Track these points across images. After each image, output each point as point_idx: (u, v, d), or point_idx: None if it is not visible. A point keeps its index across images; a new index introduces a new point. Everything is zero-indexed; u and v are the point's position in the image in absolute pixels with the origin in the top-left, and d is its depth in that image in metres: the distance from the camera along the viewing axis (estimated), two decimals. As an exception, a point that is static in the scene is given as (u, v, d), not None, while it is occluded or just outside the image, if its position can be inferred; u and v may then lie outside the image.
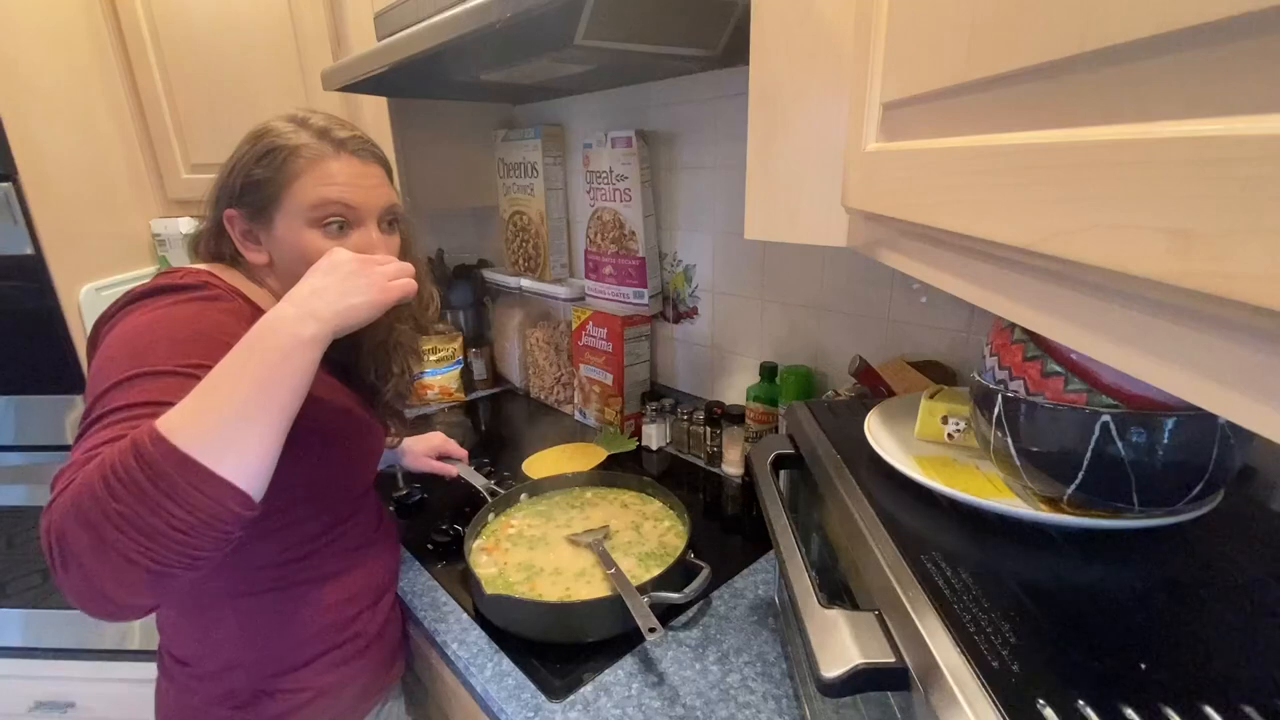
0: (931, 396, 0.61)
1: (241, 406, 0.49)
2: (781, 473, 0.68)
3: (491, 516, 0.97)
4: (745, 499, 1.12)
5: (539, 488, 1.05)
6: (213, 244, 0.70)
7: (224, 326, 0.59)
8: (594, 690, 0.70)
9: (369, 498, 0.82)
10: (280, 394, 0.51)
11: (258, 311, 0.65)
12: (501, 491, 1.01)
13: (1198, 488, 0.41)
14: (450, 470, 1.04)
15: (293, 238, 0.65)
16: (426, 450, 1.05)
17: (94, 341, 0.61)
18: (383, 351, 0.80)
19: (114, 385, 0.53)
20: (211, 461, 0.47)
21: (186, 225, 1.33)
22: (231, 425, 0.48)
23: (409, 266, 0.63)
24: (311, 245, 0.64)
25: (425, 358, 1.60)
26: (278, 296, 0.67)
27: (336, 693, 0.74)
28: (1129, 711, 0.30)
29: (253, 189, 0.65)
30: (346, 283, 0.57)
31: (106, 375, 0.54)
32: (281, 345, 0.52)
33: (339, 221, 0.66)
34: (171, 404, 0.49)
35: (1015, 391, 0.45)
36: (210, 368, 0.51)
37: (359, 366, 0.81)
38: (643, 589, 0.76)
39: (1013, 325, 0.47)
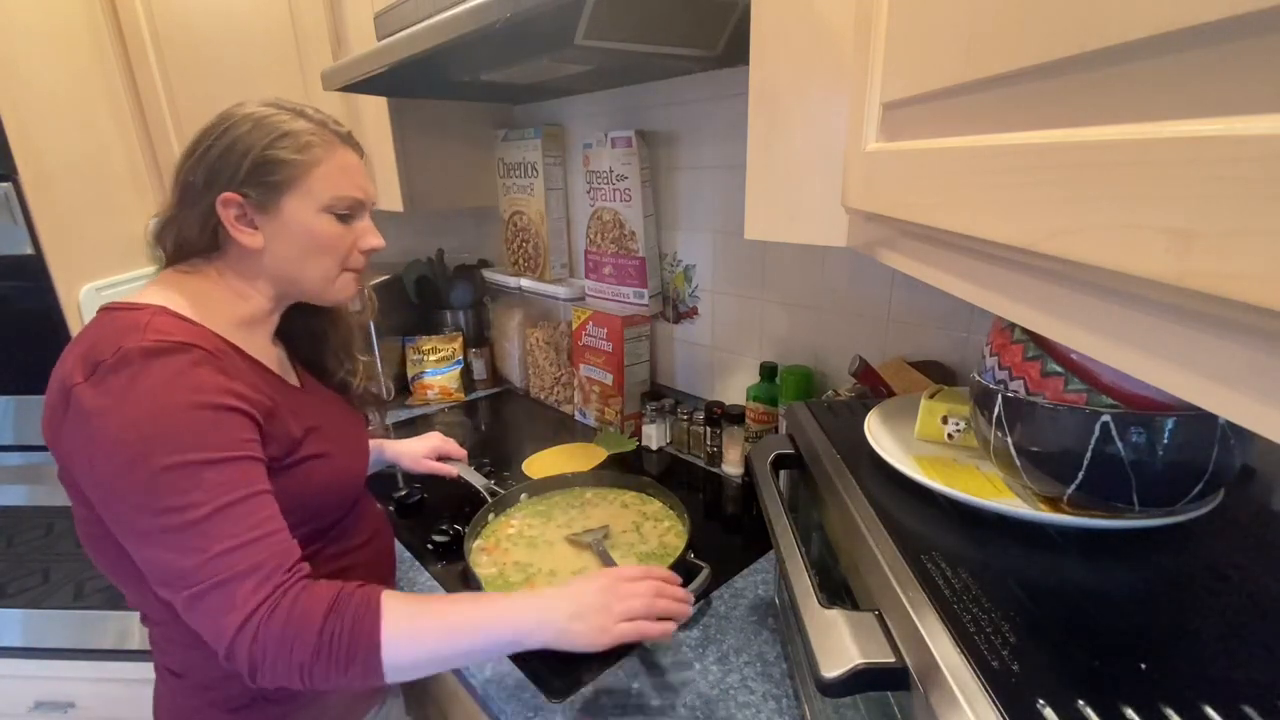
0: (931, 396, 0.61)
1: (446, 656, 0.59)
2: (781, 473, 0.68)
3: (491, 516, 0.97)
4: (745, 499, 1.12)
5: (539, 488, 1.05)
6: (191, 233, 0.66)
7: (226, 390, 0.58)
8: (594, 690, 0.70)
9: (362, 498, 0.82)
10: (475, 653, 0.62)
11: (223, 349, 0.62)
12: (501, 491, 1.01)
13: (1198, 488, 0.41)
14: (450, 470, 1.04)
15: (305, 220, 0.65)
16: (426, 451, 1.05)
17: (69, 403, 0.55)
18: (344, 349, 0.83)
19: (184, 465, 0.53)
20: (389, 678, 0.56)
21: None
22: (429, 663, 0.58)
23: (685, 609, 0.65)
24: (324, 229, 0.67)
25: (425, 358, 1.61)
26: (250, 288, 0.68)
27: (335, 694, 0.74)
28: (1129, 711, 0.30)
29: (266, 168, 0.63)
30: (604, 617, 0.60)
31: (155, 453, 0.53)
32: (513, 637, 0.59)
33: (348, 212, 0.68)
34: (257, 493, 0.57)
35: (1015, 391, 0.45)
36: (248, 442, 0.58)
37: (328, 368, 0.82)
38: (643, 589, 0.76)
39: (1013, 325, 0.47)
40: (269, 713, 0.69)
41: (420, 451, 1.04)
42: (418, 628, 0.57)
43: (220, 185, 0.63)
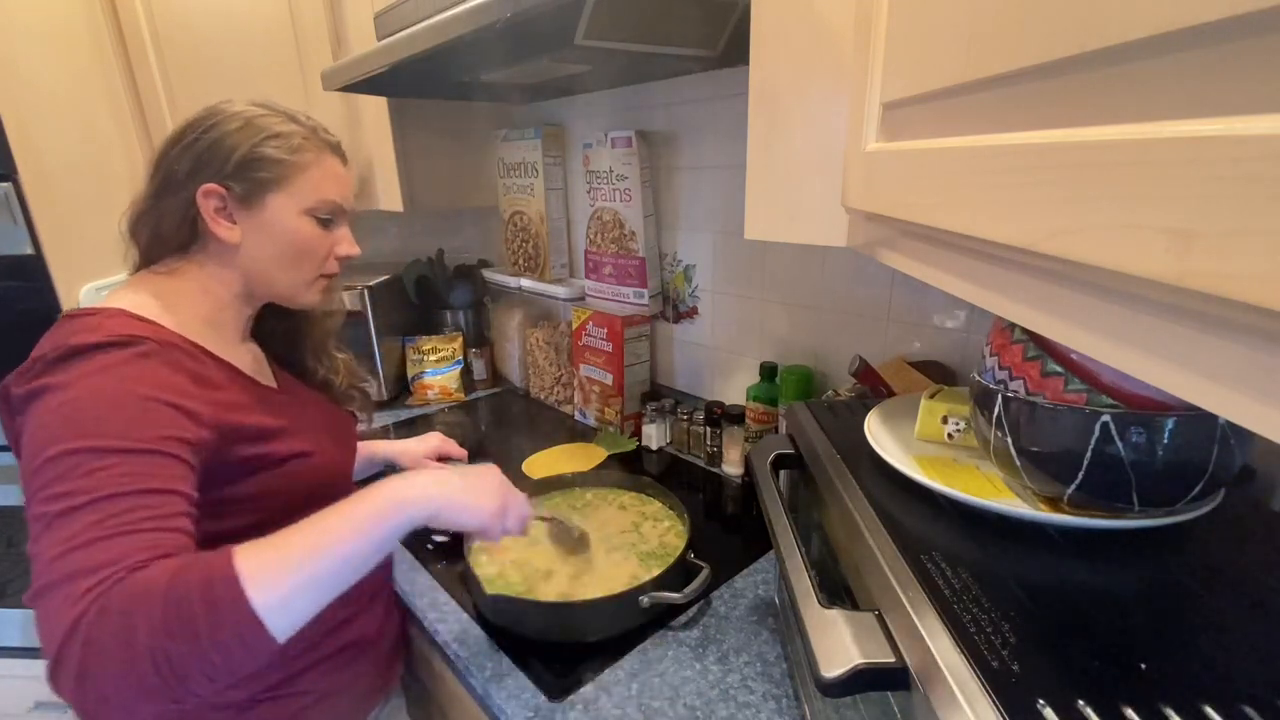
0: (931, 396, 0.61)
1: (327, 568, 0.49)
2: (781, 473, 0.68)
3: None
4: (745, 499, 1.11)
5: (539, 488, 1.05)
6: (168, 224, 0.65)
7: (167, 384, 0.55)
8: (594, 690, 0.70)
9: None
10: (365, 557, 0.52)
11: (183, 347, 0.60)
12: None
13: (1198, 488, 0.41)
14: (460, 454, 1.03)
15: (286, 220, 0.66)
16: (426, 452, 1.04)
17: (8, 401, 0.54)
18: (321, 348, 0.83)
19: (85, 451, 0.48)
20: (274, 626, 0.46)
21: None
22: (312, 587, 0.48)
23: (528, 516, 0.69)
24: (305, 232, 0.67)
25: (425, 358, 1.61)
26: (221, 285, 0.67)
27: (336, 696, 0.74)
28: (1129, 711, 0.30)
29: (255, 165, 0.63)
30: (476, 495, 0.60)
31: (61, 438, 0.49)
32: (387, 506, 0.53)
33: (329, 217, 0.69)
34: (154, 490, 0.48)
35: (1015, 391, 0.45)
36: (172, 439, 0.51)
37: (308, 367, 0.82)
38: (643, 589, 0.76)
39: (1013, 325, 0.47)
40: (270, 714, 0.69)
41: (420, 452, 1.03)
42: (281, 552, 0.48)
43: (204, 176, 0.63)
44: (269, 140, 0.64)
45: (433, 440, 1.06)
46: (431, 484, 0.58)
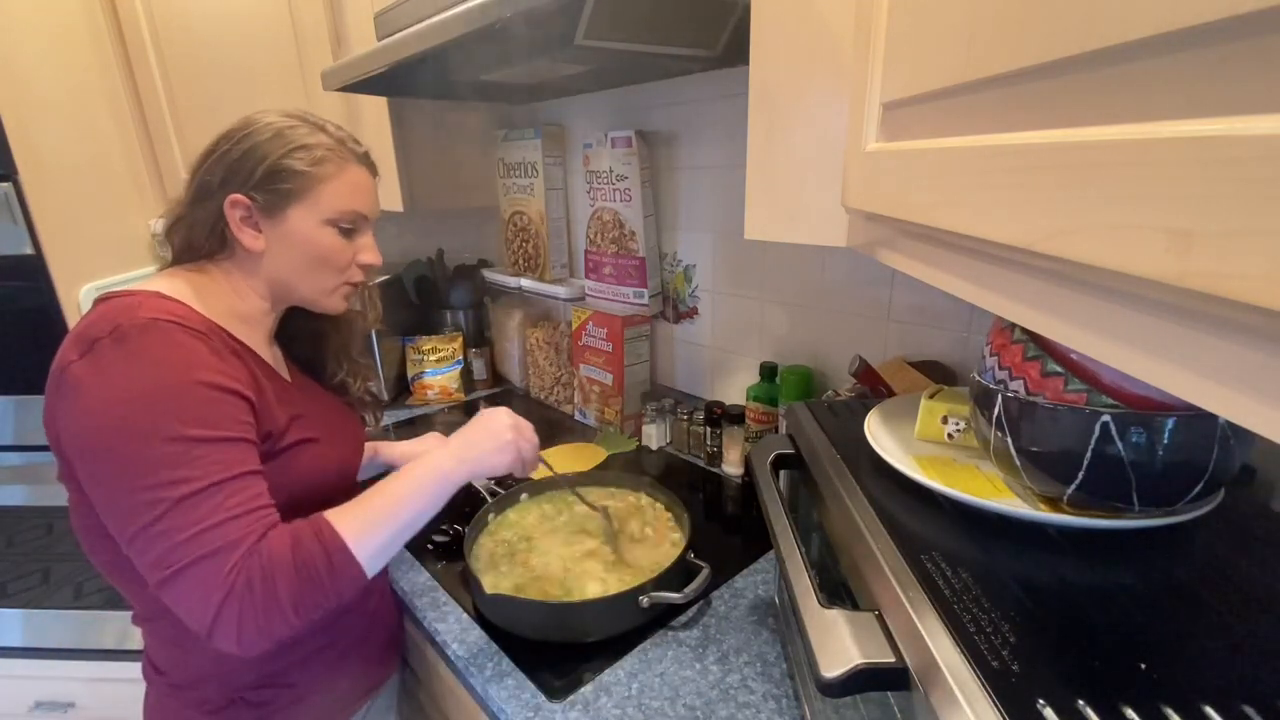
0: (931, 396, 0.61)
1: (401, 529, 0.63)
2: (781, 473, 0.68)
3: (491, 516, 0.97)
4: (745, 499, 1.11)
5: (539, 488, 1.05)
6: (200, 231, 0.67)
7: (218, 369, 0.60)
8: (594, 690, 0.70)
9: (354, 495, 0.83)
10: (425, 517, 0.65)
11: (216, 331, 0.63)
12: (501, 491, 1.01)
13: (1198, 488, 0.41)
14: None
15: (308, 230, 0.67)
16: (424, 453, 1.04)
17: (63, 382, 0.56)
18: (344, 352, 0.85)
19: (183, 440, 0.54)
20: (369, 569, 0.61)
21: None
22: (392, 543, 0.63)
23: (537, 446, 0.78)
24: (326, 241, 0.69)
25: (425, 358, 1.61)
26: (249, 289, 0.69)
27: (318, 695, 0.74)
28: (1129, 711, 0.30)
29: (279, 176, 0.64)
30: (498, 446, 0.72)
31: (147, 425, 0.54)
32: (435, 479, 0.66)
33: (351, 227, 0.70)
34: (246, 474, 0.58)
35: (1015, 391, 0.45)
36: (240, 423, 0.59)
37: (325, 370, 0.83)
38: (643, 589, 0.76)
39: (1013, 325, 0.47)
40: (246, 716, 0.69)
41: (418, 454, 1.03)
42: (368, 520, 0.61)
43: (232, 186, 0.65)
44: (294, 152, 0.65)
45: (430, 442, 1.06)
46: (464, 451, 0.70)
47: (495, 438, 0.72)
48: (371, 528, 0.61)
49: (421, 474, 0.66)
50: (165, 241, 0.71)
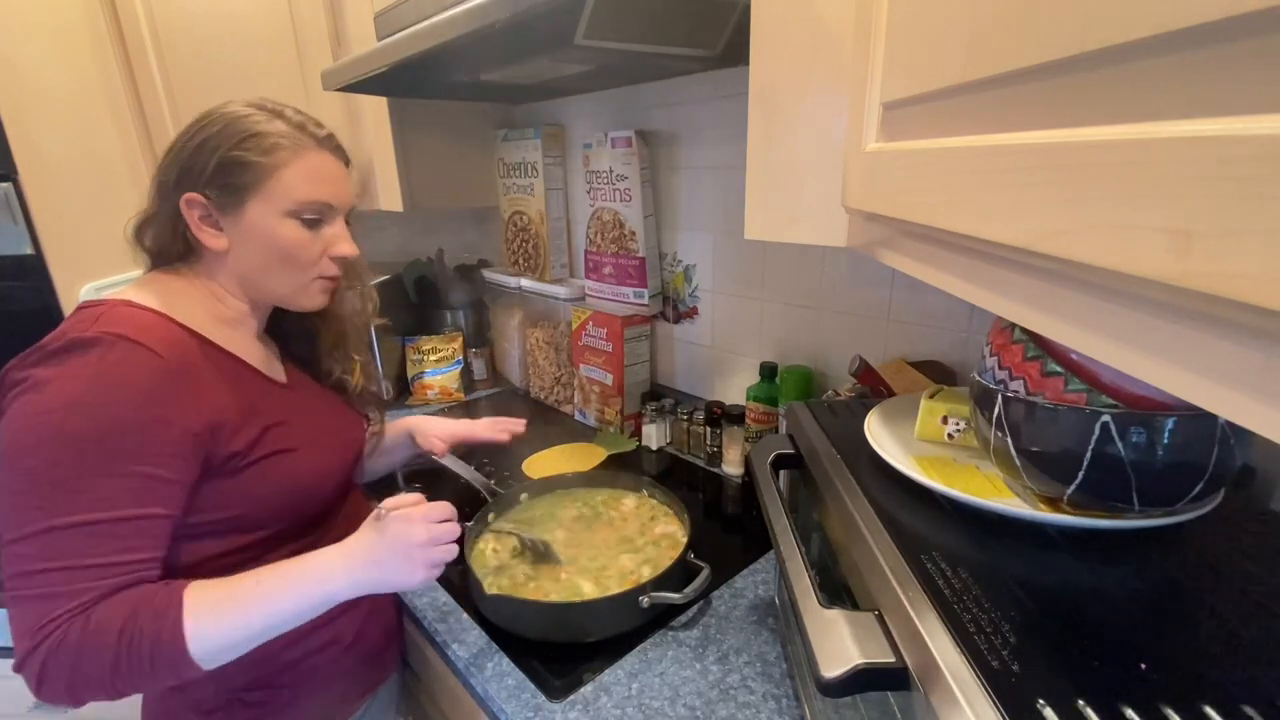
0: (931, 396, 0.61)
1: (256, 634, 0.58)
2: (781, 473, 0.68)
3: (491, 516, 0.97)
4: (745, 499, 1.11)
5: (539, 488, 1.05)
6: (165, 233, 0.65)
7: (157, 392, 0.56)
8: (594, 690, 0.70)
9: (351, 499, 0.82)
10: (290, 625, 0.60)
11: (183, 343, 0.61)
12: (501, 491, 1.01)
13: (1198, 488, 0.41)
14: (503, 437, 1.01)
15: (268, 225, 0.64)
16: (441, 432, 0.98)
17: (4, 384, 0.56)
18: (340, 348, 0.82)
19: (77, 467, 0.52)
20: (206, 664, 0.56)
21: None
22: (242, 644, 0.58)
23: (455, 530, 0.69)
24: (288, 235, 0.65)
25: (425, 358, 1.61)
26: (224, 290, 0.67)
27: (316, 696, 0.74)
28: (1129, 711, 0.30)
29: (230, 170, 0.62)
30: (406, 567, 0.63)
31: (52, 446, 0.52)
32: (321, 592, 0.61)
33: (317, 217, 0.67)
34: (130, 518, 0.54)
35: (1015, 391, 0.45)
36: (161, 455, 0.56)
37: (322, 367, 0.81)
38: (643, 589, 0.76)
39: (1013, 325, 0.47)
40: (242, 716, 0.69)
41: (437, 431, 0.98)
42: (225, 613, 0.57)
43: (186, 185, 0.62)
44: (244, 143, 0.62)
45: (468, 426, 1.01)
46: (362, 572, 0.63)
47: (406, 558, 0.63)
48: (224, 623, 0.56)
49: (307, 583, 0.60)
50: (136, 245, 0.68)
